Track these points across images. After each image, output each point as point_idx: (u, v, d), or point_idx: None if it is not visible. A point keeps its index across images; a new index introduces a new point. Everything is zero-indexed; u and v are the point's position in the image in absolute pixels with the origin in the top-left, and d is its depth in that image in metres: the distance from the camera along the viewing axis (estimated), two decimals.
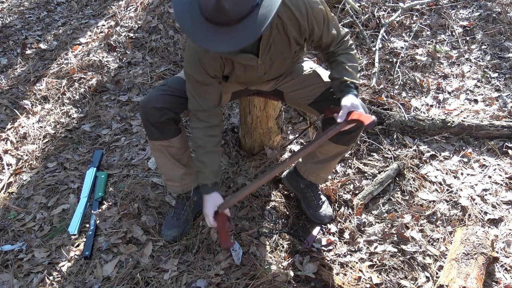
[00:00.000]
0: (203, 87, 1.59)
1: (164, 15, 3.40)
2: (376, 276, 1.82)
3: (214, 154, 1.69)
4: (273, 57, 1.61)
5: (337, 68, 1.64)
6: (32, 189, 2.26)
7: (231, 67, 1.61)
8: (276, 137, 2.35)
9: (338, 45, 1.67)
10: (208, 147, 1.66)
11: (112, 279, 1.80)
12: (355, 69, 1.64)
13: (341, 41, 1.67)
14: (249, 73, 1.65)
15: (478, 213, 2.10)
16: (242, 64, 1.59)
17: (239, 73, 1.64)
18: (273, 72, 1.71)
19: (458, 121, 2.52)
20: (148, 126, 1.72)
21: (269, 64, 1.63)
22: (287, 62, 1.71)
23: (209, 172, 1.67)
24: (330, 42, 1.64)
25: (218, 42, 1.25)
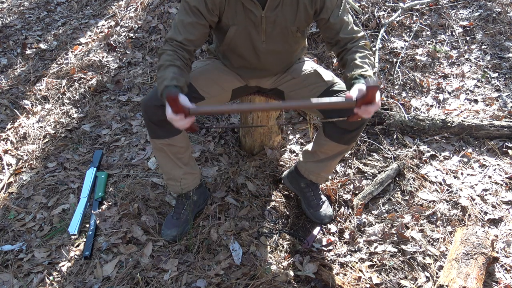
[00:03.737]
0: (192, 17, 1.54)
1: (164, 15, 3.40)
2: (376, 276, 1.82)
3: (180, 69, 1.49)
4: (277, 22, 1.59)
5: (348, 66, 1.55)
6: (32, 189, 2.26)
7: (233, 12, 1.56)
8: (277, 137, 2.35)
9: (353, 43, 1.60)
10: (176, 62, 1.50)
11: (112, 279, 1.80)
12: (367, 63, 1.51)
13: (355, 39, 1.60)
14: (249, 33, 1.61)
15: (478, 213, 2.10)
16: (244, 16, 1.56)
17: (239, 27, 1.59)
18: (271, 46, 1.67)
19: (458, 121, 2.52)
20: (149, 124, 1.71)
21: (271, 27, 1.60)
22: (287, 41, 1.69)
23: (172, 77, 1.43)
24: (339, 27, 1.59)
25: None
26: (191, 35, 1.57)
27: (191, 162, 1.92)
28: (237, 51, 1.72)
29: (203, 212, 2.06)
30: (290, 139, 2.52)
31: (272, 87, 1.90)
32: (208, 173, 2.28)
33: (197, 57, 3.14)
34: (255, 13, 1.55)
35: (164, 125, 1.70)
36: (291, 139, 2.52)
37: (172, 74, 1.46)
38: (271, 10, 1.56)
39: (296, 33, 1.67)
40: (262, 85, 1.91)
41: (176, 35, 1.57)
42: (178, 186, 1.91)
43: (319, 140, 1.88)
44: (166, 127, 1.71)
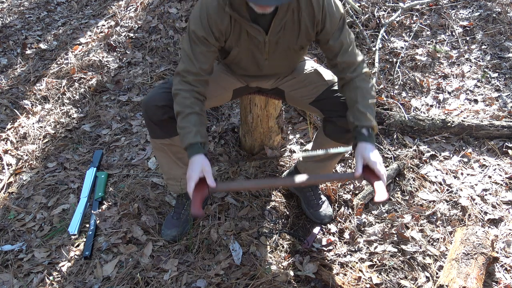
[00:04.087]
0: (201, 47, 1.54)
1: (164, 15, 3.40)
2: (376, 276, 1.82)
3: (202, 117, 1.55)
4: (279, 43, 1.60)
5: (350, 107, 1.58)
6: (32, 189, 2.26)
7: (237, 37, 1.57)
8: (277, 137, 2.35)
9: (352, 71, 1.59)
10: (195, 108, 1.54)
11: (112, 279, 1.80)
12: (369, 107, 1.55)
13: (354, 65, 1.59)
14: (251, 53, 1.63)
15: (478, 213, 2.10)
16: (248, 40, 1.57)
17: (242, 48, 1.60)
18: (273, 62, 1.68)
19: (458, 121, 2.52)
20: (150, 124, 1.71)
21: (273, 48, 1.61)
22: (289, 58, 1.70)
23: (197, 131, 1.51)
24: (337, 50, 1.58)
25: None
26: (204, 64, 1.56)
27: None
28: (239, 65, 1.74)
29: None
30: (290, 139, 2.52)
31: (273, 87, 1.90)
32: None
33: None
34: (259, 38, 1.56)
35: (165, 125, 1.70)
36: (291, 139, 2.52)
37: (194, 127, 1.50)
38: (274, 34, 1.56)
39: (299, 50, 1.69)
40: (263, 86, 1.91)
41: (190, 67, 1.55)
42: (178, 186, 1.91)
43: (319, 140, 1.88)
44: (166, 127, 1.71)
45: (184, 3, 3.43)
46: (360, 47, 3.05)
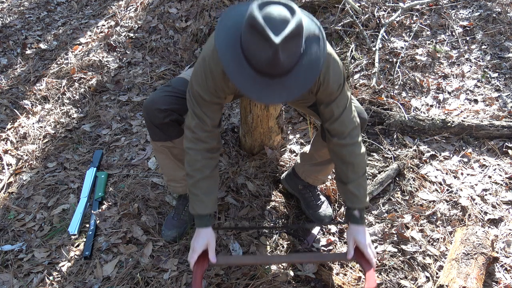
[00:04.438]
0: (209, 106, 1.50)
1: (164, 15, 3.40)
2: (376, 276, 1.82)
3: (212, 180, 1.58)
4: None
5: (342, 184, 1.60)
6: (32, 189, 2.26)
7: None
8: (277, 137, 2.35)
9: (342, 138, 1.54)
10: (206, 171, 1.55)
11: (112, 279, 1.80)
12: (361, 186, 1.57)
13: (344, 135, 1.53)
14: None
15: (478, 213, 2.10)
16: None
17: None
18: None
19: (458, 121, 2.52)
20: (151, 127, 1.71)
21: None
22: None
23: (208, 201, 1.55)
24: (328, 117, 1.53)
25: (270, 95, 1.24)
26: (215, 119, 1.54)
27: None
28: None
29: None
30: (290, 139, 2.52)
31: None
32: None
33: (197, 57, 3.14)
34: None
35: (166, 128, 1.70)
36: (291, 139, 2.52)
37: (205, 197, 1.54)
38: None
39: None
40: None
41: (201, 125, 1.51)
42: (179, 187, 1.91)
43: (317, 144, 1.88)
44: (168, 130, 1.71)
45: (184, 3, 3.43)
46: (360, 47, 3.05)
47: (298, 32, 1.16)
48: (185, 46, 3.19)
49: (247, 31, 1.18)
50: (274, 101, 1.29)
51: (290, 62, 1.19)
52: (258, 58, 1.18)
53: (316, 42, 1.26)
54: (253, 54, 1.18)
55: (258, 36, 1.14)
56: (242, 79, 1.22)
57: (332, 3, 3.21)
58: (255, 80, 1.22)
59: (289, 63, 1.19)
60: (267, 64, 1.17)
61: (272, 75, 1.21)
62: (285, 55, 1.16)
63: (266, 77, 1.21)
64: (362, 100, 2.63)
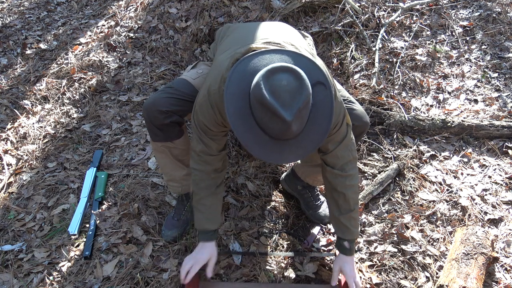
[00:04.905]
0: (214, 134, 1.54)
1: (164, 15, 3.40)
2: (376, 276, 1.82)
3: (217, 197, 1.64)
4: None
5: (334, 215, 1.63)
6: (32, 189, 2.26)
7: None
8: None
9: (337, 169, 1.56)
10: (211, 189, 1.61)
11: (112, 279, 1.80)
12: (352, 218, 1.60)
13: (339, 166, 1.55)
14: None
15: (478, 213, 2.10)
16: None
17: None
18: None
19: (458, 121, 2.52)
20: (152, 128, 1.71)
21: None
22: None
23: (213, 217, 1.62)
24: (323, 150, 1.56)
25: (286, 155, 1.28)
26: (220, 144, 1.58)
27: None
28: None
29: None
30: None
31: None
32: None
33: (197, 57, 3.14)
34: None
35: (166, 129, 1.69)
36: None
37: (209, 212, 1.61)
38: None
39: None
40: None
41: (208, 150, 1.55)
42: (179, 186, 1.91)
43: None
44: (168, 131, 1.70)
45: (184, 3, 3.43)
46: (360, 47, 3.05)
47: (307, 101, 1.19)
48: (185, 46, 3.19)
49: (257, 107, 1.20)
50: (290, 161, 1.33)
51: (301, 127, 1.23)
52: (271, 129, 1.21)
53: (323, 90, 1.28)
54: (266, 125, 1.21)
55: (269, 112, 1.17)
56: (256, 146, 1.26)
57: (332, 3, 3.21)
58: (270, 145, 1.25)
59: (301, 127, 1.23)
60: (280, 133, 1.21)
61: (285, 139, 1.25)
62: (297, 125, 1.19)
63: (280, 141, 1.25)
64: (362, 100, 2.63)
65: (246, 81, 1.25)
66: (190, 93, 1.67)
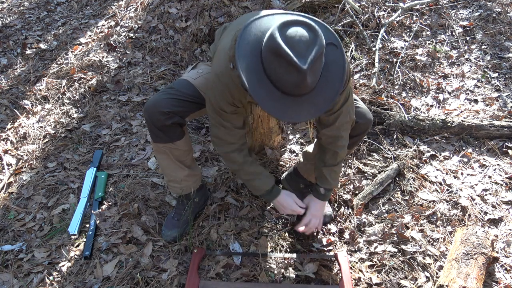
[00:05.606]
0: (231, 116, 1.57)
1: (164, 15, 3.40)
2: (376, 276, 1.82)
3: (256, 163, 1.73)
4: None
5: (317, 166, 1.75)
6: (32, 189, 2.26)
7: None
8: (277, 137, 2.35)
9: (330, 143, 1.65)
10: (248, 159, 1.69)
11: (112, 279, 1.80)
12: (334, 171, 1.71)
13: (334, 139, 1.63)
14: None
15: (478, 213, 2.10)
16: None
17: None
18: None
19: (458, 121, 2.52)
20: (153, 129, 1.70)
21: None
22: None
23: (265, 177, 1.72)
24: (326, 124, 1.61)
25: (299, 112, 1.28)
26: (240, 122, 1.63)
27: (193, 164, 1.92)
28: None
29: (203, 212, 2.06)
30: (290, 139, 2.52)
31: None
32: (208, 173, 2.28)
33: (197, 57, 3.14)
34: None
35: (168, 130, 1.69)
36: (291, 139, 2.52)
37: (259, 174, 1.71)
38: None
39: None
40: None
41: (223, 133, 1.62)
42: (179, 187, 1.91)
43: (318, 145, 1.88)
44: (169, 132, 1.70)
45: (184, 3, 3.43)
46: (360, 47, 3.05)
47: (321, 52, 1.20)
48: (185, 46, 3.19)
49: (271, 57, 1.21)
50: (303, 119, 1.32)
51: (315, 81, 1.24)
52: (284, 82, 1.21)
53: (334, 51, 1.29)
54: (279, 78, 1.21)
55: (284, 62, 1.17)
56: (270, 102, 1.26)
57: (332, 3, 3.21)
58: (282, 101, 1.25)
59: (314, 82, 1.24)
60: (294, 87, 1.21)
61: (298, 95, 1.25)
62: (311, 77, 1.20)
63: (293, 97, 1.25)
64: (362, 100, 2.62)
65: (257, 39, 1.27)
66: (191, 93, 1.67)
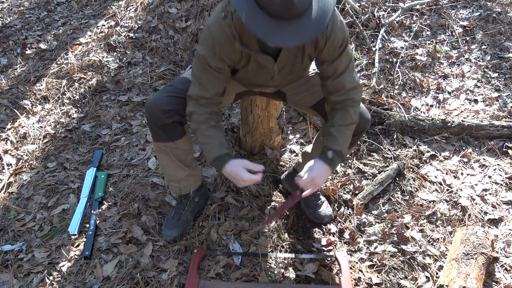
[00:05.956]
0: (214, 73, 1.55)
1: (164, 15, 3.41)
2: (376, 276, 1.82)
3: (217, 129, 1.61)
4: (287, 66, 1.61)
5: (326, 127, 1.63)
6: (32, 189, 2.26)
7: (246, 62, 1.59)
8: (277, 137, 2.35)
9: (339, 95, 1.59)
10: (210, 122, 1.59)
11: (112, 279, 1.80)
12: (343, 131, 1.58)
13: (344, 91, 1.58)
14: (259, 73, 1.64)
15: (478, 213, 2.10)
16: (257, 63, 1.58)
17: (250, 69, 1.62)
18: (280, 79, 1.70)
19: (458, 121, 2.52)
20: (154, 128, 1.70)
21: (281, 70, 1.62)
22: (295, 73, 1.70)
23: (217, 144, 1.58)
24: (330, 74, 1.57)
25: (284, 37, 1.25)
26: (218, 87, 1.58)
27: (193, 164, 1.92)
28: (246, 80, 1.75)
29: (203, 212, 2.07)
30: (290, 139, 2.52)
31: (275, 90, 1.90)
32: (208, 173, 2.28)
33: None
34: (268, 66, 1.57)
35: (168, 129, 1.69)
36: (291, 139, 2.52)
37: (215, 140, 1.58)
38: (282, 61, 1.58)
39: (303, 69, 1.70)
40: (266, 91, 1.91)
41: (204, 93, 1.57)
42: (179, 187, 1.91)
43: (319, 143, 1.88)
44: (170, 131, 1.70)
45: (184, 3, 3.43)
46: (360, 47, 3.05)
47: None
48: (185, 46, 3.19)
49: None
50: (288, 43, 1.27)
51: (303, 4, 1.22)
52: (272, 4, 1.20)
53: None
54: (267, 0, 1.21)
55: None
56: (256, 23, 1.24)
57: None
58: (269, 23, 1.23)
59: (302, 5, 1.22)
60: (280, 6, 1.19)
61: (285, 18, 1.23)
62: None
63: (280, 20, 1.23)
64: (362, 100, 2.63)
65: None
66: None
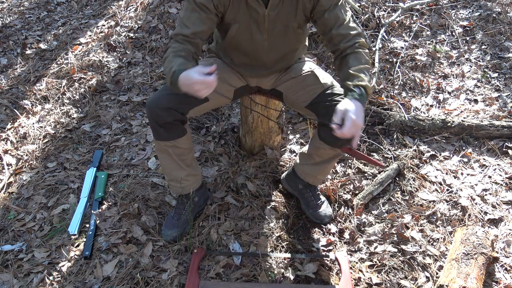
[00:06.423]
0: (199, 13, 1.54)
1: (164, 15, 3.41)
2: (376, 276, 1.82)
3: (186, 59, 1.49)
4: (278, 19, 1.61)
5: (343, 73, 1.58)
6: (32, 189, 2.26)
7: (236, 10, 1.58)
8: (277, 137, 2.35)
9: (346, 42, 1.60)
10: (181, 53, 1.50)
11: (112, 279, 1.80)
12: (362, 70, 1.53)
13: (349, 37, 1.60)
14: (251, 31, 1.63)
15: (478, 213, 2.10)
16: (247, 13, 1.58)
17: (241, 24, 1.61)
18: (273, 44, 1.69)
19: (458, 121, 2.52)
20: (155, 126, 1.71)
21: (272, 25, 1.62)
22: (289, 38, 1.70)
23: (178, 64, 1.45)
24: (333, 23, 1.59)
25: None
26: (199, 27, 1.56)
27: (193, 163, 1.92)
28: (239, 49, 1.73)
29: (203, 212, 2.07)
30: (290, 139, 2.52)
31: (272, 87, 1.91)
32: (208, 173, 2.28)
33: None
34: (258, 11, 1.57)
35: (170, 127, 1.70)
36: (291, 139, 2.52)
37: (179, 61, 1.47)
38: (273, 8, 1.58)
39: (297, 29, 1.69)
40: (262, 86, 1.92)
41: (182, 30, 1.56)
42: (180, 187, 1.91)
43: (315, 143, 1.88)
44: (171, 129, 1.71)
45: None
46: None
47: None
48: None
49: None
50: None
51: None
52: None
53: None
54: None
55: None
56: None
57: None
58: None
59: None
60: None
61: None
62: None
63: None
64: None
65: None
66: None
